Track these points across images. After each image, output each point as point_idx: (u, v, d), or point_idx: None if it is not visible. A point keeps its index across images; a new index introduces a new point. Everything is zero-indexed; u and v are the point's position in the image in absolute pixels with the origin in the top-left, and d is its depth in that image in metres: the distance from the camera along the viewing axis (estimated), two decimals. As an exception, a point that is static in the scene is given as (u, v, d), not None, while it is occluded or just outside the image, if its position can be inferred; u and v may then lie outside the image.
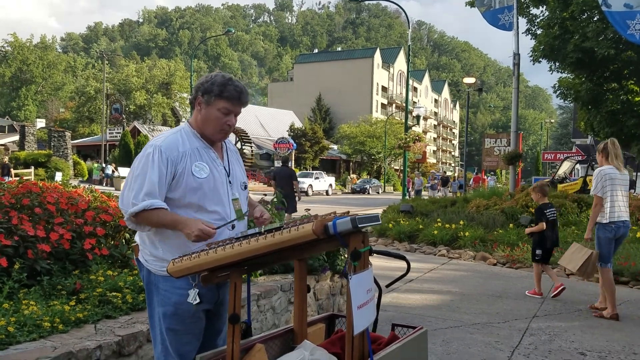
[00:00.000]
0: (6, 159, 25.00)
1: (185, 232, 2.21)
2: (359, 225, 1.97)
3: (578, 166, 26.34)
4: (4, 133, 53.29)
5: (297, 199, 11.45)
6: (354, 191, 42.77)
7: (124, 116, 44.33)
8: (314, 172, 40.64)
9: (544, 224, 6.57)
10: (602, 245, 5.48)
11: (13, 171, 22.68)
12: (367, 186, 43.18)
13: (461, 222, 10.86)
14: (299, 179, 33.05)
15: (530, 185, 17.53)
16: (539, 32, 16.23)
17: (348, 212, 2.19)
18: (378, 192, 43.62)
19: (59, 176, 27.75)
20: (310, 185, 36.14)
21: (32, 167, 30.17)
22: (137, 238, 2.47)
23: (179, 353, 2.34)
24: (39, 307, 3.13)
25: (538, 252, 6.65)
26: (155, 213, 2.23)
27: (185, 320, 2.32)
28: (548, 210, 6.67)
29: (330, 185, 40.01)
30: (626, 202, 5.57)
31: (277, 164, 43.46)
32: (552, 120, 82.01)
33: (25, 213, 3.80)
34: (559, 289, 6.44)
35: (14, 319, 2.90)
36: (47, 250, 3.63)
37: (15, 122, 56.92)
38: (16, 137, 45.02)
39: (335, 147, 58.46)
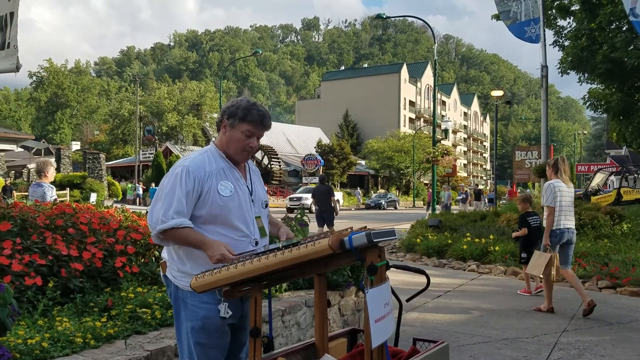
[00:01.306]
0: (9, 182, 25.49)
1: (208, 253, 2.30)
2: (374, 240, 2.02)
3: (612, 178, 25.73)
4: (40, 156, 54.98)
5: (335, 213, 12.61)
6: (367, 207, 40.48)
7: (156, 137, 45.34)
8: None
9: (526, 229, 7.37)
10: (553, 248, 6.25)
11: (15, 193, 22.55)
12: (382, 201, 40.91)
13: (491, 237, 10.72)
14: (298, 195, 31.84)
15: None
16: (566, 43, 16.06)
17: (365, 227, 2.24)
18: (395, 207, 41.74)
19: (93, 197, 28.45)
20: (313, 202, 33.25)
21: (68, 188, 31.01)
22: (164, 255, 2.56)
23: None
24: (72, 324, 3.25)
25: (523, 255, 7.34)
26: (184, 232, 2.33)
27: (213, 334, 2.40)
28: (531, 218, 7.47)
29: (338, 201, 37.11)
30: (571, 211, 6.37)
31: (305, 180, 43.74)
32: (585, 132, 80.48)
33: (59, 233, 3.95)
34: (525, 292, 7.43)
35: (48, 335, 3.02)
36: (80, 269, 3.77)
37: (51, 145, 58.63)
38: (52, 160, 46.36)
39: (363, 162, 58.45)
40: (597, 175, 23.57)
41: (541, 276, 6.32)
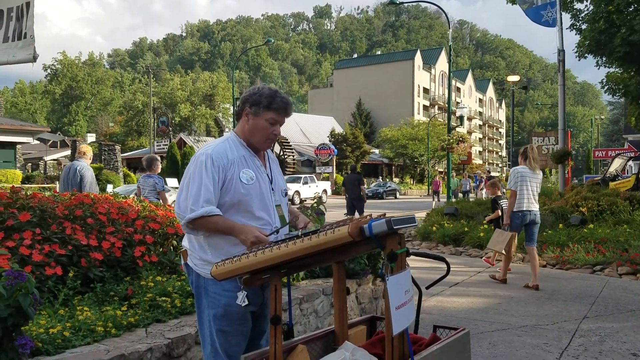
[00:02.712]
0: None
1: (241, 238, 2.32)
2: (395, 227, 1.99)
3: (631, 163, 25.36)
4: (56, 148, 55.58)
5: (364, 201, 13.17)
6: (367, 197, 39.13)
7: (170, 128, 45.55)
8: (303, 176, 35.22)
9: (499, 211, 8.11)
10: (514, 228, 6.94)
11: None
12: (381, 190, 39.05)
13: (508, 224, 10.63)
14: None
15: (581, 184, 17.03)
16: (583, 27, 15.75)
17: (384, 214, 2.22)
18: (395, 197, 40.10)
19: (110, 188, 28.73)
20: (297, 192, 30.92)
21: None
22: (185, 243, 2.56)
23: (227, 354, 2.43)
24: (92, 313, 3.28)
25: (494, 233, 7.61)
26: (213, 219, 2.34)
27: (235, 321, 2.42)
28: (502, 201, 8.22)
29: (325, 190, 34.35)
30: (536, 195, 6.88)
31: (319, 170, 43.73)
32: (603, 117, 79.36)
33: (78, 223, 3.98)
34: (490, 265, 8.45)
35: (70, 324, 3.05)
36: (100, 259, 3.80)
37: (66, 138, 59.26)
38: (68, 152, 46.89)
39: (376, 151, 58.22)
40: (616, 160, 23.22)
41: (503, 252, 7.06)
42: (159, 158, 7.95)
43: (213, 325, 2.43)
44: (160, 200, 7.06)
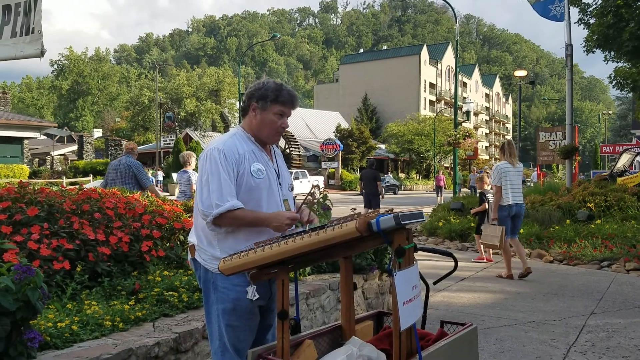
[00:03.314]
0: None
1: (274, 225, 2.34)
2: (402, 222, 1.98)
3: (638, 158, 25.16)
4: (63, 143, 55.80)
5: (380, 197, 13.40)
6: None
7: (176, 124, 45.60)
8: (294, 171, 34.50)
9: (486, 204, 8.41)
10: (501, 222, 7.09)
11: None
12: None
13: (514, 219, 10.60)
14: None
15: (588, 180, 16.93)
16: (591, 21, 15.62)
17: (392, 209, 2.21)
18: (395, 192, 38.94)
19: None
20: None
21: (91, 175, 31.47)
22: (192, 239, 2.56)
23: (236, 348, 2.44)
24: (100, 307, 3.30)
25: (482, 227, 7.92)
26: (239, 213, 2.34)
27: (243, 316, 2.42)
28: (488, 195, 8.43)
29: (318, 186, 34.05)
30: (519, 188, 7.20)
31: (324, 165, 43.66)
32: (610, 112, 78.84)
33: (86, 218, 3.99)
34: (482, 260, 8.63)
35: (77, 319, 3.07)
36: (107, 253, 3.81)
37: (73, 133, 59.51)
38: (75, 147, 47.10)
39: (382, 146, 58.11)
40: (623, 155, 23.05)
41: (498, 246, 7.14)
42: (193, 155, 8.43)
43: (222, 319, 2.43)
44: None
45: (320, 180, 36.21)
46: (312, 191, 2.54)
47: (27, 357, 2.48)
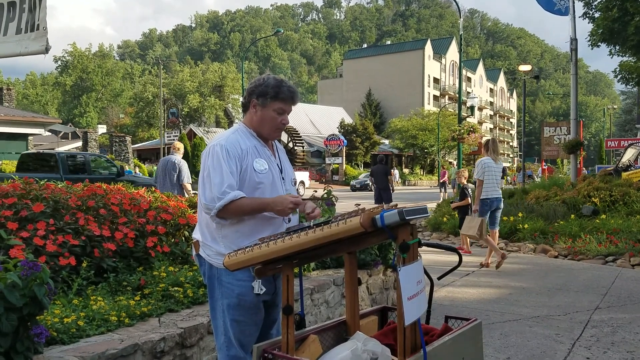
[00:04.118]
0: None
1: (278, 209, 2.35)
2: (407, 218, 1.98)
3: (644, 153, 25.04)
4: (67, 139, 55.93)
5: (391, 191, 13.66)
6: (353, 188, 35.97)
7: (180, 120, 45.65)
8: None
9: (469, 198, 8.80)
10: (482, 214, 7.50)
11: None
12: (369, 181, 33.45)
13: (520, 214, 10.59)
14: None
15: (593, 175, 16.87)
16: (596, 15, 15.57)
17: (396, 205, 2.22)
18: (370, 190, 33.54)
19: (121, 179, 28.84)
20: None
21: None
22: (196, 235, 2.58)
23: (241, 343, 2.46)
24: (106, 303, 3.31)
25: (465, 219, 8.09)
26: (242, 202, 2.36)
27: (248, 311, 2.44)
28: (469, 190, 8.99)
29: (302, 182, 31.08)
30: (498, 183, 7.64)
31: (328, 160, 43.66)
32: (615, 106, 78.49)
33: (91, 214, 4.01)
34: (461, 249, 8.39)
35: (84, 314, 3.08)
36: (113, 249, 3.82)
37: (77, 129, 59.58)
38: (79, 143, 47.15)
39: (386, 142, 58.02)
40: (628, 150, 22.94)
41: (476, 236, 7.51)
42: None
43: (227, 315, 2.45)
44: None
45: (305, 176, 33.99)
46: (297, 188, 2.55)
47: (34, 352, 2.50)
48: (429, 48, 74.72)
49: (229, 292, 2.43)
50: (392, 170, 14.77)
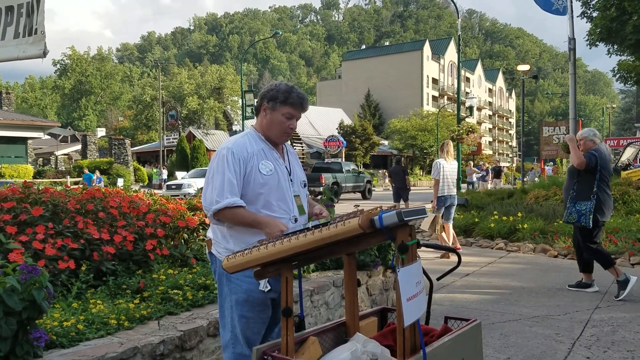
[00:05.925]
0: None
1: (266, 231, 2.40)
2: (405, 219, 1.99)
3: (643, 152, 25.06)
4: (67, 143, 55.91)
5: (409, 190, 14.93)
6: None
7: (179, 122, 45.63)
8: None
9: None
10: (438, 210, 8.45)
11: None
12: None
13: (519, 214, 10.58)
14: (179, 182, 27.13)
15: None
16: (594, 14, 15.60)
17: (395, 205, 2.22)
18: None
19: (120, 182, 28.89)
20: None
21: (97, 171, 31.45)
22: (209, 234, 2.67)
23: (247, 341, 2.50)
24: (105, 306, 3.31)
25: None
26: (238, 211, 2.43)
27: (256, 307, 2.50)
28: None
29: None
30: (453, 182, 8.49)
31: (328, 161, 43.63)
32: (614, 106, 78.56)
33: (90, 217, 4.01)
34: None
35: (83, 317, 3.09)
36: (112, 252, 3.83)
37: (77, 132, 59.58)
38: (78, 147, 47.14)
39: (386, 142, 58.01)
40: (627, 149, 22.98)
41: (430, 231, 8.42)
42: None
43: (235, 310, 2.51)
44: None
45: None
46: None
47: (34, 356, 2.50)
48: (427, 49, 74.75)
49: (237, 288, 2.50)
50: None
